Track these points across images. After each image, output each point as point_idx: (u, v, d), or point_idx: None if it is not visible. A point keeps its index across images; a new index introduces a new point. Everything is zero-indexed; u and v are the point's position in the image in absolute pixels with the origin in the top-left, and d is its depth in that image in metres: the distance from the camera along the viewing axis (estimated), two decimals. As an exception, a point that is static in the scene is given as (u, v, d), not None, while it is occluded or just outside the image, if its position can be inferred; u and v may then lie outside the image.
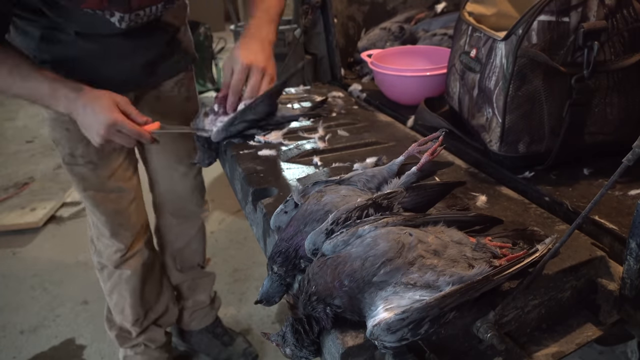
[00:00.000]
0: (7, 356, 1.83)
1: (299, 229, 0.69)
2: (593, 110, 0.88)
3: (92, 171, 1.29)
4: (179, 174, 1.49)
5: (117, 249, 1.40)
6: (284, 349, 0.63)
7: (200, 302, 1.69)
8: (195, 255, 1.65)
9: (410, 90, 1.32)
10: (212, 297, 1.73)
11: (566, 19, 0.83)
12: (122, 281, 1.45)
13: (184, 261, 1.63)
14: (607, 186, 0.55)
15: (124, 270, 1.44)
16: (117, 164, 1.33)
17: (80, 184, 1.31)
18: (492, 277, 0.58)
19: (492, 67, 0.92)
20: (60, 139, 1.25)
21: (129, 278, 1.45)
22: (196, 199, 1.56)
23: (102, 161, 1.29)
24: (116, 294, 1.48)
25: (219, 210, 2.72)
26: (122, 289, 1.46)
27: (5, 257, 2.43)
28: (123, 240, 1.40)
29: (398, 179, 0.79)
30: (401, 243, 0.59)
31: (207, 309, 1.71)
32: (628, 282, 0.65)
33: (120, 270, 1.44)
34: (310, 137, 1.15)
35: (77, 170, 1.29)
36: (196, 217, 1.60)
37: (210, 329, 1.74)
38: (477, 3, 1.08)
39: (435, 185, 0.84)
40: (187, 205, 1.55)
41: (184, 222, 1.58)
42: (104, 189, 1.32)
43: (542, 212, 0.81)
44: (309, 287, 0.60)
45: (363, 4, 1.79)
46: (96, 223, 1.39)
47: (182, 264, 1.63)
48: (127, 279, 1.45)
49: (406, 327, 0.53)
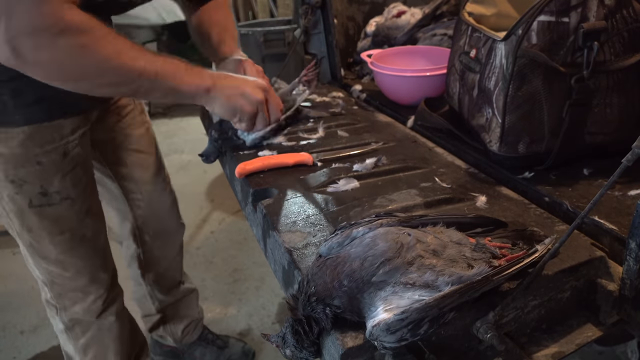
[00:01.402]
0: (7, 356, 1.84)
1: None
2: (593, 110, 0.88)
3: (70, 208, 1.11)
4: (156, 193, 1.39)
5: (97, 295, 1.22)
6: (284, 350, 0.63)
7: (191, 318, 1.63)
8: (175, 274, 1.56)
9: (410, 90, 1.32)
10: (199, 311, 1.67)
11: (566, 19, 0.83)
12: (104, 331, 1.27)
13: (167, 283, 1.54)
14: (607, 186, 0.55)
15: (105, 319, 1.26)
16: (94, 196, 1.19)
17: (54, 227, 1.10)
18: (492, 277, 0.58)
19: (492, 67, 0.92)
20: (27, 176, 1.04)
21: (111, 325, 1.28)
22: (175, 215, 1.48)
23: (80, 195, 1.12)
24: (94, 348, 1.29)
25: (219, 210, 2.72)
26: (104, 338, 1.29)
27: (5, 257, 2.43)
28: (103, 284, 1.23)
29: None
30: (400, 243, 0.59)
31: (196, 322, 1.66)
32: (628, 283, 0.65)
33: (101, 320, 1.26)
34: (310, 138, 1.15)
35: (49, 211, 1.08)
36: (176, 235, 1.51)
37: (202, 337, 1.68)
38: (477, 3, 1.08)
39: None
40: (167, 223, 1.46)
41: (165, 243, 1.48)
42: (82, 227, 1.15)
43: (542, 213, 0.81)
44: (308, 288, 0.60)
45: (363, 4, 1.79)
46: (63, 275, 1.17)
47: (166, 286, 1.54)
48: (110, 326, 1.28)
49: (405, 327, 0.53)
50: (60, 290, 1.19)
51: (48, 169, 1.05)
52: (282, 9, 3.88)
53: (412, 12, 1.63)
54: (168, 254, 1.50)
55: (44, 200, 1.07)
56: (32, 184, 1.05)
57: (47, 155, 1.04)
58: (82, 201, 1.13)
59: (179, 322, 1.61)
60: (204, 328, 1.71)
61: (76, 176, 1.10)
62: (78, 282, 1.18)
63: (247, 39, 2.68)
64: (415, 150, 1.07)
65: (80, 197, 1.13)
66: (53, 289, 1.19)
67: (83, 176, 1.13)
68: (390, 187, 0.92)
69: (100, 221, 1.22)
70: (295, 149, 1.10)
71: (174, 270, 1.54)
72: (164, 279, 1.52)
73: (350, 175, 0.96)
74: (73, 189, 1.10)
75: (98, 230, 1.21)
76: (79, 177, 1.11)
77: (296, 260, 0.72)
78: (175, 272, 1.55)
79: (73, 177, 1.10)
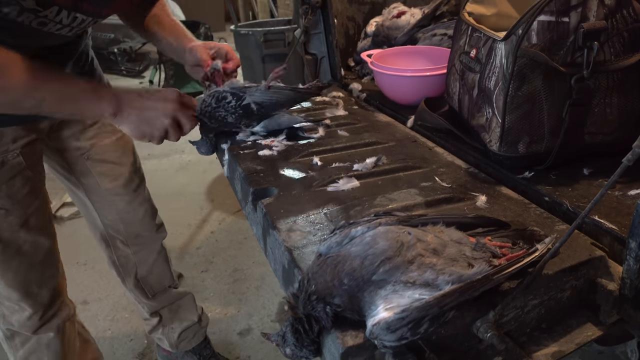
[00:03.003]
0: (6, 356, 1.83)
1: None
2: (593, 110, 0.88)
3: (3, 219, 1.08)
4: (124, 202, 1.35)
5: (33, 312, 1.18)
6: (284, 349, 0.63)
7: (187, 322, 1.58)
8: (162, 278, 1.51)
9: (410, 90, 1.32)
10: (200, 315, 1.63)
11: (566, 19, 0.83)
12: (42, 346, 1.23)
13: (152, 287, 1.50)
14: (607, 186, 0.55)
15: (44, 334, 1.21)
16: (32, 209, 1.13)
17: None
18: (492, 276, 0.58)
19: (492, 67, 0.92)
20: None
21: (50, 341, 1.23)
22: (148, 225, 1.43)
23: (15, 206, 1.09)
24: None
25: (219, 210, 2.72)
26: (43, 355, 1.24)
27: None
28: (39, 300, 1.18)
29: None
30: (400, 242, 0.59)
31: (196, 327, 1.62)
32: (628, 282, 0.65)
33: (39, 335, 1.21)
34: (311, 137, 1.16)
35: None
36: (153, 242, 1.46)
37: (197, 350, 1.64)
38: (477, 3, 1.08)
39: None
40: (140, 232, 1.41)
41: (141, 249, 1.43)
42: (15, 240, 1.11)
43: (542, 212, 0.81)
44: (308, 286, 0.60)
45: (363, 4, 1.79)
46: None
47: (151, 290, 1.49)
48: (49, 342, 1.23)
49: (405, 326, 0.53)
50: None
51: None
52: (282, 9, 3.88)
53: (412, 13, 1.63)
54: (146, 260, 1.46)
55: None
56: None
57: None
58: (17, 213, 1.09)
59: (176, 325, 1.57)
60: (206, 340, 1.66)
61: (13, 187, 1.07)
62: (11, 295, 1.15)
63: (247, 39, 2.68)
64: (415, 150, 1.08)
65: (16, 208, 1.09)
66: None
67: (22, 187, 1.09)
68: (390, 187, 0.92)
69: (43, 236, 1.17)
70: (295, 148, 1.10)
71: (158, 274, 1.50)
72: (147, 284, 1.48)
73: (350, 174, 0.96)
74: (7, 199, 1.07)
75: (36, 244, 1.15)
76: (16, 188, 1.08)
77: (296, 259, 0.73)
78: (161, 277, 1.51)
79: (9, 187, 1.07)
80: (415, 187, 0.90)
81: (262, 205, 0.88)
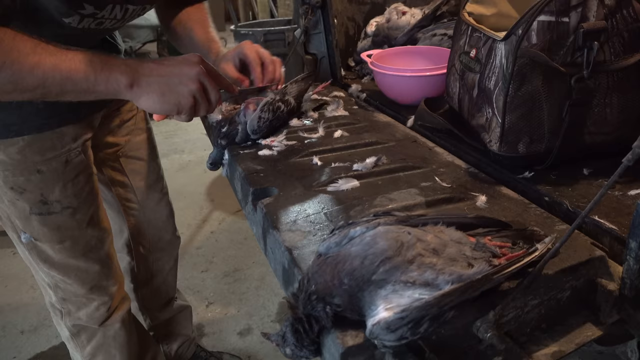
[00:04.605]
0: (7, 356, 1.84)
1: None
2: (593, 110, 0.88)
3: (71, 218, 1.08)
4: (153, 202, 1.35)
5: (101, 302, 1.19)
6: (284, 349, 0.63)
7: (185, 336, 1.59)
8: (169, 289, 1.52)
9: (410, 90, 1.32)
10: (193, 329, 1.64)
11: (566, 19, 0.83)
12: (109, 339, 1.24)
13: (160, 299, 1.49)
14: (607, 186, 0.55)
15: (111, 326, 1.23)
16: (95, 205, 1.15)
17: (55, 235, 1.08)
18: (492, 276, 0.58)
19: (491, 67, 0.92)
20: (26, 184, 1.02)
21: (117, 333, 1.24)
22: (170, 227, 1.44)
23: (81, 204, 1.10)
24: (101, 356, 1.26)
25: (219, 210, 2.72)
26: (110, 347, 1.25)
27: (5, 257, 2.43)
28: (107, 292, 1.20)
29: None
30: (400, 241, 0.59)
31: (191, 340, 1.62)
32: (628, 282, 0.65)
33: (106, 327, 1.23)
34: (311, 137, 1.15)
35: (50, 220, 1.06)
36: (172, 248, 1.47)
37: (195, 356, 1.64)
38: (477, 3, 1.08)
39: None
40: (163, 235, 1.42)
41: (161, 256, 1.44)
42: (83, 236, 1.12)
43: (542, 212, 0.81)
44: (308, 286, 0.60)
45: (363, 4, 1.79)
46: (65, 281, 1.15)
47: (158, 302, 1.49)
48: (115, 334, 1.24)
49: (405, 325, 0.53)
50: (63, 294, 1.17)
51: (49, 177, 1.03)
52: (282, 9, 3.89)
53: (412, 13, 1.63)
54: (163, 268, 1.46)
55: (44, 209, 1.05)
56: (32, 192, 1.02)
57: (47, 163, 1.01)
58: (83, 210, 1.11)
59: (172, 341, 1.56)
60: (197, 346, 1.66)
61: (78, 185, 1.08)
62: (80, 289, 1.16)
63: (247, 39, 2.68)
64: (415, 150, 1.08)
65: (82, 206, 1.10)
66: (57, 292, 1.17)
67: (85, 184, 1.10)
68: (390, 187, 0.92)
69: (103, 229, 1.18)
70: (295, 148, 1.10)
71: (168, 285, 1.50)
72: (157, 295, 1.48)
73: (350, 174, 0.96)
74: (74, 198, 1.08)
75: (101, 238, 1.17)
76: (80, 185, 1.09)
77: (296, 259, 0.72)
78: (169, 288, 1.51)
79: (74, 185, 1.07)
80: (415, 187, 0.90)
81: (262, 205, 0.88)
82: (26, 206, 1.04)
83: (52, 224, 1.07)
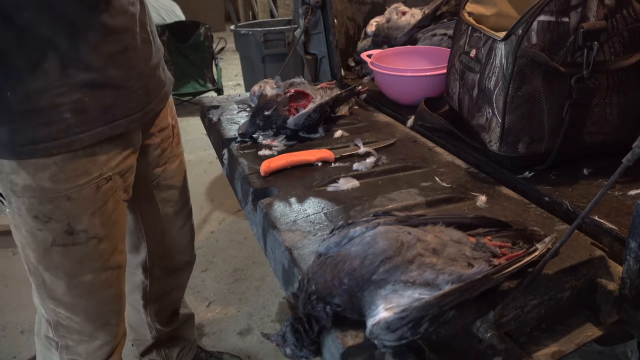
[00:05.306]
0: (7, 356, 1.83)
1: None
2: (593, 110, 0.88)
3: (95, 248, 0.99)
4: (177, 227, 1.28)
5: (105, 342, 1.08)
6: (284, 349, 0.63)
7: (187, 340, 1.56)
8: (177, 303, 1.47)
9: (410, 90, 1.32)
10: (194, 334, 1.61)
11: (566, 19, 0.83)
12: None
13: (168, 313, 1.44)
14: (607, 186, 0.55)
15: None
16: (120, 234, 1.05)
17: (75, 269, 0.98)
18: (492, 276, 0.58)
19: (492, 67, 0.92)
20: (53, 213, 0.92)
21: None
22: (190, 249, 1.38)
23: (108, 234, 1.00)
24: None
25: (219, 210, 2.72)
26: None
27: (5, 257, 2.43)
28: (113, 331, 1.09)
29: None
30: (400, 241, 0.59)
31: (192, 344, 1.60)
32: (628, 282, 0.65)
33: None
34: (311, 137, 1.15)
35: (73, 251, 0.96)
36: (188, 269, 1.42)
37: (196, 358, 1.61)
38: (477, 3, 1.08)
39: None
40: (182, 257, 1.36)
41: (177, 277, 1.38)
42: (105, 268, 1.02)
43: (542, 212, 0.81)
44: (308, 286, 0.60)
45: (363, 4, 1.79)
46: (71, 319, 1.04)
47: (166, 317, 1.44)
48: None
49: (405, 325, 0.53)
50: (65, 332, 1.07)
51: (78, 205, 0.93)
52: (282, 9, 3.88)
53: (412, 13, 1.63)
54: (177, 287, 1.42)
55: (68, 240, 0.95)
56: (59, 222, 0.93)
57: (78, 190, 0.92)
58: (109, 240, 1.01)
59: (174, 346, 1.54)
60: (199, 348, 1.65)
61: (106, 212, 0.99)
62: (86, 328, 1.06)
63: (247, 39, 2.68)
64: (415, 150, 1.08)
65: (108, 235, 1.01)
66: (57, 330, 1.07)
67: (113, 212, 1.01)
68: (390, 187, 0.92)
69: (124, 259, 1.09)
70: (295, 149, 1.10)
71: (176, 300, 1.47)
72: (166, 310, 1.44)
73: (350, 174, 0.96)
74: (102, 227, 0.98)
75: (119, 273, 1.08)
76: (108, 213, 0.99)
77: (296, 259, 0.73)
78: (177, 302, 1.48)
79: (103, 213, 0.98)
80: (415, 187, 0.90)
81: (262, 205, 0.88)
82: (49, 237, 0.94)
83: (74, 256, 0.97)
